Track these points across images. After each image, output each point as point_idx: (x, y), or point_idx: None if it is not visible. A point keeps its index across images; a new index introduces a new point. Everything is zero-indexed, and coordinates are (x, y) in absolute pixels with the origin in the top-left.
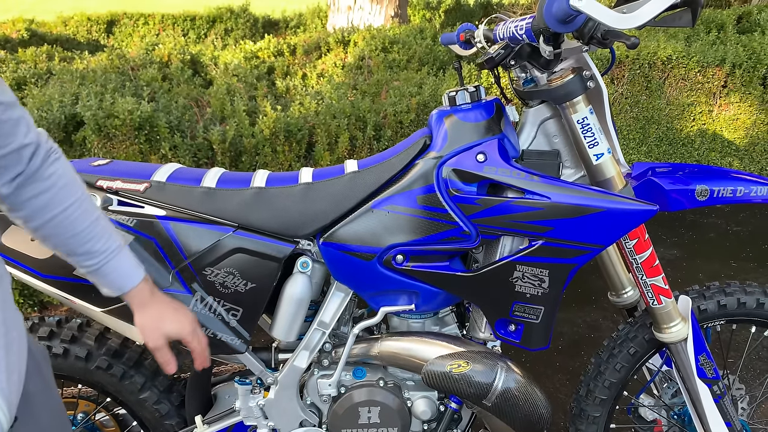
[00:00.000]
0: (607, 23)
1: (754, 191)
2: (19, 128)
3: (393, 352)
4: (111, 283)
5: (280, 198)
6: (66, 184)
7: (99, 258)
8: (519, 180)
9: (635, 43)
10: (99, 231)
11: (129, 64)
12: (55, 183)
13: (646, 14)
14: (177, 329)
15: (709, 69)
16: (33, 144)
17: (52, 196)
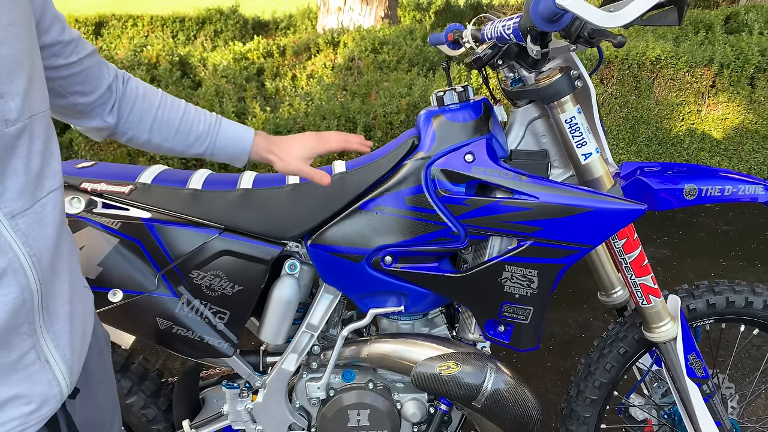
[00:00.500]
0: (593, 22)
1: (742, 190)
2: (103, 69)
3: (382, 354)
4: (234, 151)
5: (267, 199)
6: (145, 92)
7: (209, 137)
8: (507, 180)
9: (622, 42)
10: (194, 115)
11: (117, 65)
12: (138, 95)
13: (632, 13)
14: (306, 148)
15: (698, 69)
16: (113, 75)
17: (142, 106)
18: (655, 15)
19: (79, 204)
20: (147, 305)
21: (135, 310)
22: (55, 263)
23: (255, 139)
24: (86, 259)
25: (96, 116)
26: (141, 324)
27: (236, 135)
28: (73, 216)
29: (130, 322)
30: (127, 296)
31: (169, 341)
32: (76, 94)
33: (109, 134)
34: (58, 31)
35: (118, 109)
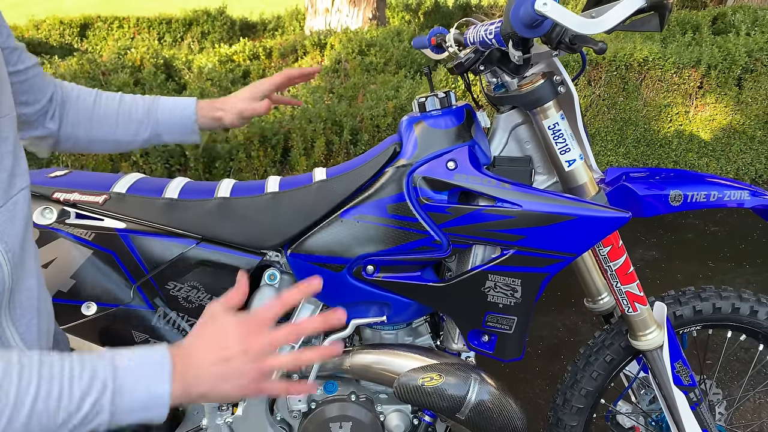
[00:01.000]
0: (572, 28)
1: (728, 196)
2: (45, 79)
3: (364, 366)
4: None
5: (246, 208)
6: (80, 93)
7: (150, 118)
8: (490, 188)
9: (603, 49)
10: (130, 102)
11: (100, 68)
12: (72, 96)
13: (612, 19)
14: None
15: (685, 70)
16: (54, 84)
17: (77, 107)
18: (638, 20)
19: (51, 215)
20: (122, 318)
21: (110, 323)
22: (23, 259)
23: (198, 104)
24: (58, 272)
25: (39, 125)
26: (116, 337)
27: (177, 106)
28: (45, 227)
29: (105, 336)
30: (102, 309)
31: None
32: (21, 104)
33: (54, 143)
34: (5, 36)
35: (59, 115)
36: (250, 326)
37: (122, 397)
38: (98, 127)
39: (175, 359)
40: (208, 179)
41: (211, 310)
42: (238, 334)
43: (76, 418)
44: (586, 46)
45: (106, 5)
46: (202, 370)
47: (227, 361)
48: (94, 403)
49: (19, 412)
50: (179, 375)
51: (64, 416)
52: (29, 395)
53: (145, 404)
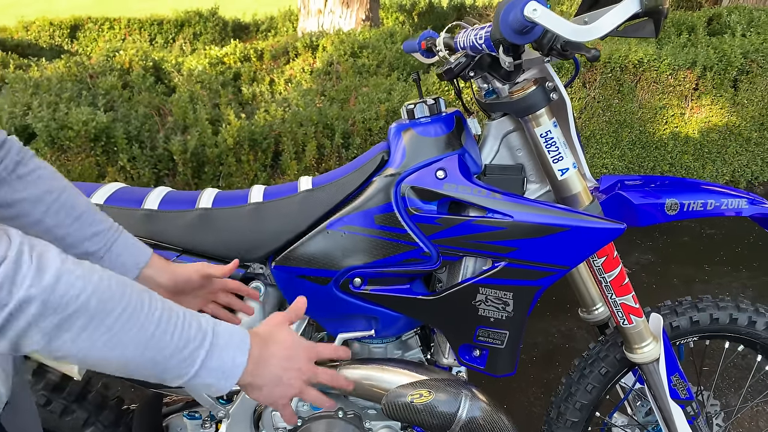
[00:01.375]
0: (564, 35)
1: (725, 204)
2: None
3: (352, 381)
4: (128, 261)
5: (228, 219)
6: (54, 173)
7: (107, 238)
8: (480, 198)
9: (596, 56)
10: (99, 213)
11: (87, 71)
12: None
13: (605, 26)
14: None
15: (681, 72)
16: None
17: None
18: (632, 26)
19: None
20: None
21: None
22: None
23: (153, 257)
24: None
25: None
26: None
27: (135, 246)
28: None
29: None
30: None
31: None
32: None
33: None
34: None
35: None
36: (311, 353)
37: (212, 356)
38: (55, 213)
39: (253, 342)
40: (197, 184)
41: (278, 320)
42: (304, 353)
43: (176, 358)
44: (579, 53)
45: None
46: (270, 363)
47: (289, 368)
48: (193, 350)
49: (145, 329)
50: (253, 357)
51: (171, 350)
52: (154, 318)
53: (225, 371)
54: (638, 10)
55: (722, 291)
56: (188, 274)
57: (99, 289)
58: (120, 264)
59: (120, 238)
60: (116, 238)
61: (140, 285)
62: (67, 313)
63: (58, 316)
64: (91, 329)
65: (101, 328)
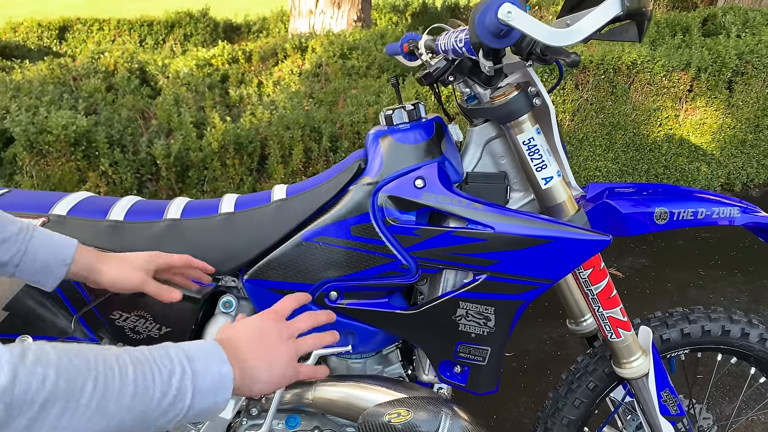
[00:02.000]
0: (541, 40)
1: (717, 213)
2: None
3: (328, 399)
4: (49, 259)
5: (197, 231)
6: None
7: (20, 239)
8: (460, 208)
9: (576, 61)
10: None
11: (71, 73)
12: None
13: (584, 30)
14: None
15: (675, 73)
16: None
17: None
18: (616, 29)
19: None
20: None
21: None
22: None
23: (79, 248)
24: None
25: None
26: None
27: (57, 242)
28: None
29: None
30: None
31: None
32: None
33: None
34: None
35: None
36: (276, 316)
37: (198, 378)
38: None
39: (223, 344)
40: (181, 189)
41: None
42: (271, 321)
43: (166, 401)
44: (558, 57)
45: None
46: (250, 354)
47: (267, 343)
48: (179, 382)
49: (124, 393)
50: (232, 358)
51: (158, 398)
52: (128, 379)
53: (217, 385)
54: (619, 13)
55: (717, 296)
56: (127, 275)
57: (61, 368)
58: (42, 266)
59: (34, 237)
60: (29, 239)
61: (94, 346)
62: (36, 408)
63: (27, 415)
64: (69, 414)
65: (80, 409)
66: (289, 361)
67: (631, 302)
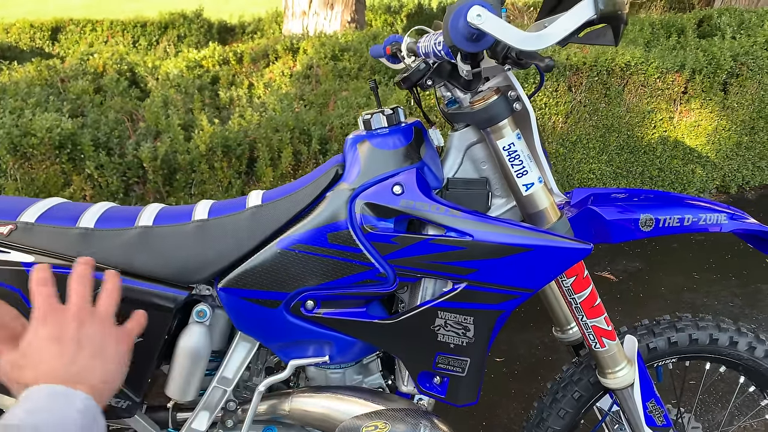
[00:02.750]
0: (512, 44)
1: (704, 219)
2: None
3: (305, 411)
4: None
5: (170, 238)
6: None
7: None
8: (438, 215)
9: (550, 66)
10: None
11: (59, 75)
12: None
13: (556, 34)
14: None
15: (669, 75)
16: None
17: None
18: (593, 32)
19: None
20: None
21: None
22: None
23: None
24: None
25: None
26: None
27: None
28: None
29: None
30: None
31: None
32: None
33: None
34: None
35: None
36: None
37: None
38: None
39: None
40: (168, 192)
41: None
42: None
43: None
44: (532, 62)
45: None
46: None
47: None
48: None
49: None
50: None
51: None
52: None
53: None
54: (593, 17)
55: (711, 300)
56: None
57: None
58: None
59: None
60: None
61: None
62: None
63: None
64: None
65: None
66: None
67: (624, 306)
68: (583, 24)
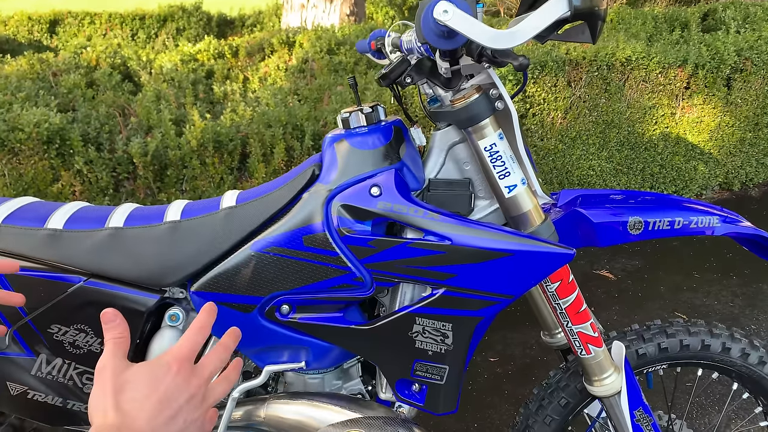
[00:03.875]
0: (479, 42)
1: (695, 222)
2: None
3: (280, 417)
4: None
5: (141, 240)
6: None
7: None
8: (416, 218)
9: (524, 65)
10: None
11: (51, 69)
12: None
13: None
14: None
15: (671, 70)
16: None
17: None
18: (573, 29)
19: None
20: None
21: None
22: None
23: None
24: None
25: None
26: None
27: None
28: None
29: None
30: None
31: (23, 409)
32: None
33: None
34: None
35: None
36: (181, 368)
37: None
38: None
39: None
40: (159, 188)
41: (114, 363)
42: (175, 383)
43: None
44: (506, 60)
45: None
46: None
47: (176, 416)
48: None
49: None
50: None
51: None
52: None
53: None
54: (566, 12)
55: (711, 300)
56: None
57: None
58: None
59: None
60: None
61: None
62: None
63: None
64: None
65: None
66: (206, 419)
67: (621, 306)
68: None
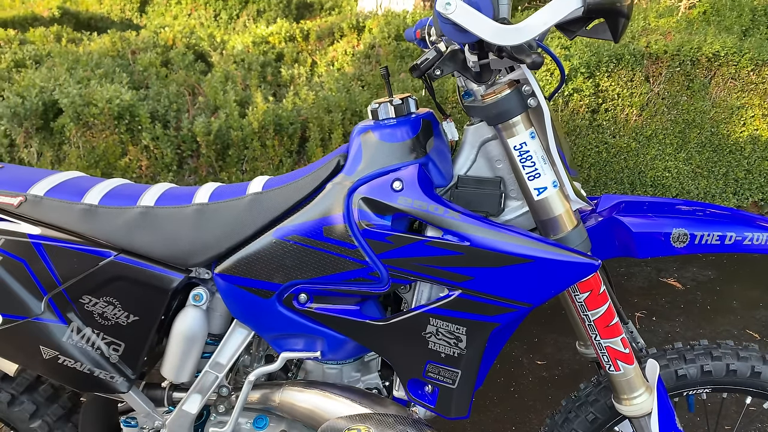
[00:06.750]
0: (483, 37)
1: (749, 239)
2: None
3: (292, 404)
4: None
5: (169, 220)
6: None
7: None
8: (436, 216)
9: (537, 63)
10: None
11: (130, 47)
12: None
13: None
14: None
15: (765, 67)
16: None
17: None
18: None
19: None
20: (30, 332)
21: (16, 336)
22: None
23: None
24: None
25: None
26: (22, 352)
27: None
28: None
29: (10, 350)
30: (7, 321)
31: (54, 373)
32: None
33: None
34: None
35: None
36: None
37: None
38: None
39: None
40: (221, 167)
41: None
42: None
43: None
44: (519, 57)
45: None
46: None
47: None
48: None
49: None
50: None
51: None
52: None
53: None
54: (578, 9)
55: None
56: None
57: None
58: None
59: None
60: None
61: None
62: None
63: None
64: None
65: None
66: None
67: (687, 318)
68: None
